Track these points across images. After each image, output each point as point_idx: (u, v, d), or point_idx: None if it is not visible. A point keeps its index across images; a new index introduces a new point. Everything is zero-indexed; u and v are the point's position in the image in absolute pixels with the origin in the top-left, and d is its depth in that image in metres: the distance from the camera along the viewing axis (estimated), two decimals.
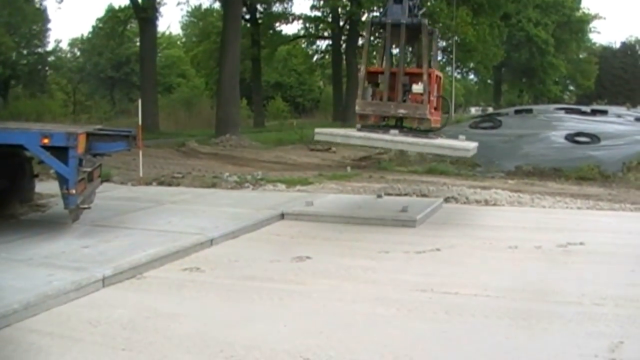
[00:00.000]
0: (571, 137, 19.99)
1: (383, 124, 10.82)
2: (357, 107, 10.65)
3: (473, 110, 69.54)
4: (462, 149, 10.15)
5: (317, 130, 10.92)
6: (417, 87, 10.25)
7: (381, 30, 10.95)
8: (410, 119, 10.57)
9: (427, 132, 10.47)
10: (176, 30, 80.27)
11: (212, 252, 8.18)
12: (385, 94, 10.44)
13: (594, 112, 27.79)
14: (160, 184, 14.67)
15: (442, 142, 10.22)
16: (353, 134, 10.50)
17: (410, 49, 10.80)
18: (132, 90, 59.37)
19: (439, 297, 6.22)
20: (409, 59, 11.00)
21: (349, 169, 17.99)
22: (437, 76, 10.71)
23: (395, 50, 11.06)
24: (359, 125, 10.81)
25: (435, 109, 10.70)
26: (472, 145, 10.77)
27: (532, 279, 6.98)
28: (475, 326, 5.43)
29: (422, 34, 10.50)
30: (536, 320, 5.53)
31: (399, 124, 10.68)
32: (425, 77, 10.18)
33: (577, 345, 4.95)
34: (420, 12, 10.81)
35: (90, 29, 63.38)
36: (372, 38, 13.60)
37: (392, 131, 10.29)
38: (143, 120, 16.06)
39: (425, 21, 10.58)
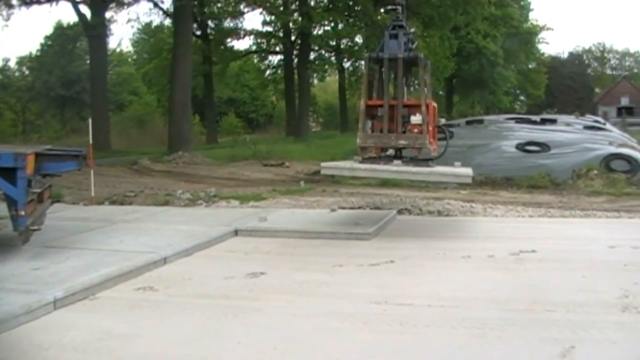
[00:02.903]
0: (522, 147, 20.21)
1: (383, 154, 11.03)
2: (358, 140, 10.86)
3: None
4: (464, 175, 10.34)
5: (323, 164, 11.11)
6: (415, 118, 10.51)
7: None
8: (410, 149, 10.80)
9: (426, 161, 10.64)
10: (127, 47, 79.64)
11: (165, 270, 8.11)
12: (385, 125, 10.65)
13: (544, 121, 28.14)
14: (113, 203, 14.51)
15: (444, 170, 10.40)
16: (359, 167, 10.64)
17: (404, 80, 10.99)
18: (83, 108, 58.51)
19: (394, 309, 6.25)
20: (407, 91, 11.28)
21: (302, 183, 17.99)
22: (433, 106, 10.95)
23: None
24: (359, 158, 10.95)
25: (434, 137, 10.95)
26: (470, 169, 11.06)
27: (486, 287, 7.05)
28: (430, 337, 5.46)
29: (419, 67, 10.83)
30: (490, 328, 5.59)
31: (399, 153, 10.85)
32: (423, 108, 10.43)
33: (530, 352, 5.03)
34: (414, 45, 11.04)
35: (39, 47, 62.45)
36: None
37: (396, 162, 10.49)
38: (94, 138, 15.87)
39: (422, 54, 10.89)
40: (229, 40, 50.15)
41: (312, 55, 49.76)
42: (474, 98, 68.04)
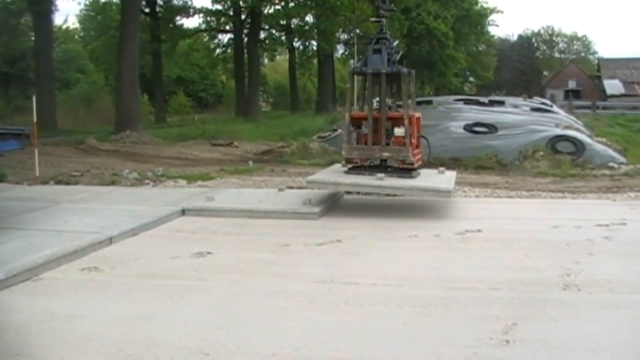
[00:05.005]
0: (470, 128, 20.36)
1: (367, 164, 11.14)
2: (343, 152, 11.14)
3: (375, 103, 70.24)
4: (444, 190, 10.40)
5: (308, 178, 11.16)
6: (399, 131, 10.70)
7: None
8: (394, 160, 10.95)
9: (410, 172, 10.77)
10: (74, 23, 77.98)
11: (111, 250, 8.04)
12: (370, 137, 10.82)
13: (492, 103, 28.50)
14: (58, 182, 14.28)
15: (426, 185, 10.48)
16: (343, 181, 10.72)
17: (390, 89, 11.18)
18: (28, 87, 57.04)
19: (340, 287, 6.29)
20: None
21: (250, 163, 17.91)
22: (416, 118, 11.12)
23: None
24: (344, 165, 11.25)
25: (417, 147, 11.12)
26: (453, 179, 11.28)
27: (431, 266, 7.14)
28: (375, 315, 5.52)
29: (402, 82, 10.95)
30: (434, 307, 5.67)
31: (383, 163, 11.00)
32: (406, 121, 10.58)
33: (473, 329, 5.11)
34: (398, 56, 11.12)
35: None
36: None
37: (379, 175, 10.57)
38: (40, 117, 15.61)
39: (405, 69, 10.99)
40: (178, 18, 49.53)
41: (262, 35, 49.40)
42: (423, 79, 68.34)
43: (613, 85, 69.10)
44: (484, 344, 4.81)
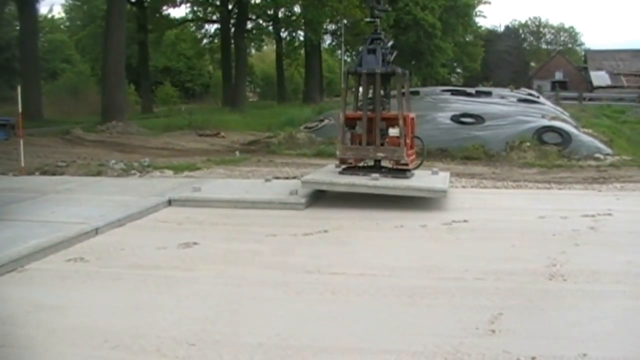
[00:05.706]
0: (457, 118, 20.40)
1: (362, 164, 11.28)
2: (337, 152, 11.15)
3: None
4: (440, 190, 10.41)
5: (303, 179, 11.08)
6: (393, 131, 10.73)
7: None
8: (388, 161, 11.03)
9: (404, 172, 10.80)
10: (59, 13, 77.56)
11: (97, 241, 7.99)
12: (364, 138, 10.80)
13: (479, 94, 28.58)
14: (44, 173, 14.21)
15: (421, 185, 10.49)
16: (338, 182, 10.66)
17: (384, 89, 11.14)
18: (13, 77, 56.75)
19: (326, 278, 6.29)
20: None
21: (237, 153, 17.90)
22: (411, 118, 11.10)
23: None
24: (338, 166, 11.19)
25: (411, 147, 11.10)
26: (447, 179, 11.31)
27: (418, 256, 7.15)
28: (361, 305, 5.53)
29: (397, 82, 10.97)
30: (420, 296, 5.67)
31: (378, 163, 11.07)
32: (400, 121, 10.60)
33: (459, 319, 5.11)
34: (392, 56, 11.09)
35: None
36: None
37: (374, 175, 10.57)
38: (26, 107, 15.51)
39: (399, 69, 10.98)
40: (164, 7, 49.38)
41: (249, 25, 49.33)
42: (410, 69, 68.36)
43: (599, 77, 69.49)
44: (470, 333, 4.82)
